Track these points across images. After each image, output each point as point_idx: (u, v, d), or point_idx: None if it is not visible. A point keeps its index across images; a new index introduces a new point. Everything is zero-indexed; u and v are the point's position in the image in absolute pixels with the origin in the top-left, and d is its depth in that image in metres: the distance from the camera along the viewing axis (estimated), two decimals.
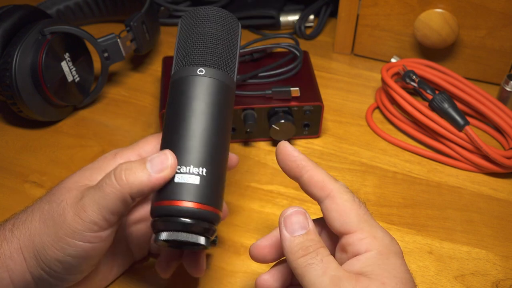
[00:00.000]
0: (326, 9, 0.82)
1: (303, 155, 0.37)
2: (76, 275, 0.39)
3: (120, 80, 0.70)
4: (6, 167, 0.57)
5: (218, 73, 0.40)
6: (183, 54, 0.41)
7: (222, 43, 0.41)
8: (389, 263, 0.34)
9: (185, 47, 0.41)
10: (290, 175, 0.38)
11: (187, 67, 0.40)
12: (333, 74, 0.72)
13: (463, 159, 0.57)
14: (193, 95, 0.39)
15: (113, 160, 0.40)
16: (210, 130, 0.38)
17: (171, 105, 0.40)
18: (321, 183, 0.36)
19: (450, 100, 0.58)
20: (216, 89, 0.40)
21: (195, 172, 0.37)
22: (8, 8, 0.58)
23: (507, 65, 0.66)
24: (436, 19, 0.64)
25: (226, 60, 0.41)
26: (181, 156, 0.37)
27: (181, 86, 0.39)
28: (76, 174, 0.40)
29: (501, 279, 0.46)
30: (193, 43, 0.41)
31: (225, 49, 0.41)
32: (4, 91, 0.56)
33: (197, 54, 0.40)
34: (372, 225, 0.35)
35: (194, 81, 0.39)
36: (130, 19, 0.64)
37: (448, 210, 0.53)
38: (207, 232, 0.37)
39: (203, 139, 0.38)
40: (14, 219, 0.39)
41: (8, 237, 0.38)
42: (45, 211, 0.38)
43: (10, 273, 0.37)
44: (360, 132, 0.62)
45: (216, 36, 0.41)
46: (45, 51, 0.57)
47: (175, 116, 0.39)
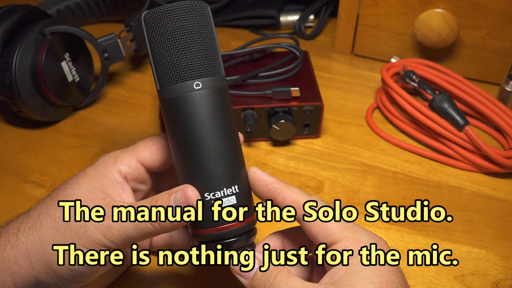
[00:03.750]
0: (326, 9, 0.82)
1: (273, 178, 0.38)
2: (82, 283, 0.39)
3: (120, 80, 0.70)
4: (6, 167, 0.57)
5: (213, 79, 0.37)
6: (169, 68, 0.36)
7: (206, 42, 0.37)
8: (369, 268, 0.34)
9: (166, 56, 0.36)
10: (263, 198, 0.39)
11: (180, 83, 0.36)
12: (333, 74, 0.72)
13: (463, 159, 0.57)
14: (200, 113, 0.36)
15: (113, 165, 0.40)
16: (229, 144, 0.37)
17: (175, 127, 0.37)
18: (295, 203, 0.37)
19: (450, 100, 0.58)
20: (217, 98, 0.37)
21: (230, 193, 0.37)
22: (8, 8, 0.58)
23: (507, 65, 0.66)
24: (436, 19, 0.64)
25: (215, 60, 0.37)
26: (211, 181, 0.37)
27: (182, 107, 0.36)
28: (86, 183, 0.39)
29: (501, 279, 0.46)
30: (175, 51, 0.36)
31: (211, 48, 0.37)
32: (4, 91, 0.56)
33: (187, 67, 0.36)
34: (355, 231, 0.36)
35: (195, 99, 0.36)
36: (130, 19, 0.65)
37: (448, 210, 0.53)
38: (252, 237, 0.39)
39: (226, 157, 0.37)
40: (19, 224, 0.38)
41: (12, 241, 0.37)
42: (58, 219, 0.37)
43: (14, 276, 0.37)
44: (360, 132, 0.62)
45: (199, 38, 0.37)
46: (45, 51, 0.57)
47: (187, 140, 0.37)
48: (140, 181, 0.42)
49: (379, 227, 0.51)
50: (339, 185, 0.55)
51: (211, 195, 0.37)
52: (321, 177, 0.56)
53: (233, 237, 0.37)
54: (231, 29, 0.80)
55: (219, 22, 0.80)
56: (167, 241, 0.45)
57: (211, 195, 0.37)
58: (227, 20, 0.80)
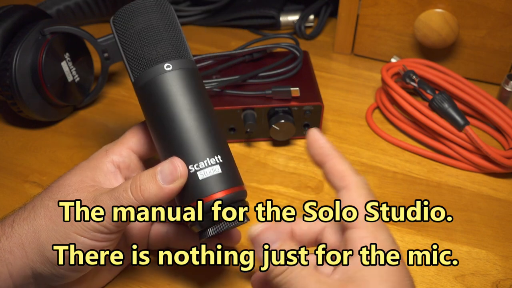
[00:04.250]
0: (326, 9, 0.82)
1: (330, 144, 0.38)
2: (78, 273, 0.39)
3: (120, 80, 0.70)
4: (6, 167, 0.57)
5: (183, 62, 0.40)
6: (139, 57, 0.40)
7: (171, 32, 0.40)
8: (382, 267, 0.33)
9: (137, 49, 0.40)
10: (314, 161, 0.38)
11: (151, 68, 0.39)
12: (333, 74, 0.72)
13: (463, 159, 0.57)
14: (173, 92, 0.39)
15: (105, 157, 0.42)
16: (204, 118, 0.39)
17: (152, 110, 0.39)
18: (341, 174, 0.37)
19: (450, 100, 0.58)
20: (188, 77, 0.40)
21: (213, 162, 0.38)
22: (8, 8, 0.58)
23: (507, 65, 0.66)
24: (436, 19, 0.64)
25: (182, 46, 0.40)
26: (193, 153, 0.38)
27: (156, 88, 0.39)
28: (77, 173, 0.41)
29: (501, 279, 0.46)
30: (144, 42, 0.39)
31: (176, 36, 0.41)
32: (4, 91, 0.56)
33: (155, 52, 0.39)
34: (377, 226, 0.36)
35: (167, 78, 0.39)
36: None
37: (448, 210, 0.53)
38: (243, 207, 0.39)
39: (204, 129, 0.39)
40: (14, 216, 0.39)
41: (8, 232, 0.38)
42: (51, 208, 0.38)
43: (9, 267, 0.38)
44: (360, 132, 0.62)
45: (163, 28, 0.40)
46: (45, 51, 0.57)
47: (164, 119, 0.39)
48: (132, 170, 0.43)
49: None
50: None
51: (194, 166, 0.38)
52: (321, 177, 0.56)
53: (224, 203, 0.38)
54: (231, 29, 0.80)
55: (219, 22, 0.80)
56: (164, 238, 0.45)
57: (194, 166, 0.38)
58: (227, 20, 0.80)
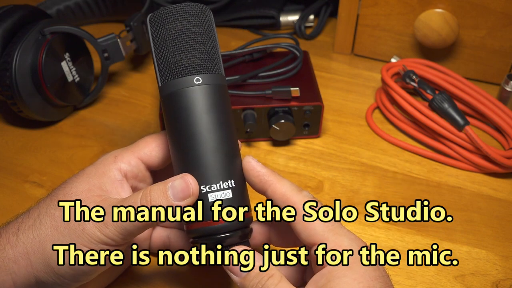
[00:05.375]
0: (326, 9, 0.82)
1: (266, 169, 0.38)
2: (82, 282, 0.39)
3: (120, 80, 0.70)
4: (6, 167, 0.57)
5: (213, 76, 0.38)
6: (170, 63, 0.38)
7: (207, 43, 0.39)
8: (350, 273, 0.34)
9: (169, 55, 0.38)
10: (256, 189, 0.39)
11: (180, 78, 0.38)
12: (333, 74, 0.72)
13: (463, 159, 0.57)
14: (199, 108, 0.37)
15: (114, 163, 0.40)
16: (226, 139, 0.38)
17: (174, 121, 0.38)
18: (283, 197, 0.37)
19: (450, 100, 0.58)
20: (217, 94, 0.38)
21: (226, 187, 0.37)
22: (8, 8, 0.58)
23: (507, 65, 0.66)
24: (436, 19, 0.64)
25: (215, 60, 0.39)
26: (207, 173, 0.37)
27: (182, 101, 0.37)
28: (84, 181, 0.39)
29: (501, 279, 0.46)
30: (178, 50, 0.38)
31: (212, 48, 0.39)
32: (4, 91, 0.56)
33: (186, 61, 0.38)
34: (338, 234, 0.35)
35: (195, 93, 0.37)
36: (130, 19, 0.65)
37: (448, 210, 0.53)
38: (248, 235, 0.39)
39: (224, 151, 0.38)
40: (18, 223, 0.38)
41: (12, 241, 0.37)
42: (57, 218, 0.37)
43: (13, 276, 0.37)
44: (360, 132, 0.62)
45: (199, 37, 0.38)
46: (45, 51, 0.57)
47: (185, 133, 0.37)
48: (140, 179, 0.42)
49: (379, 227, 0.51)
50: (339, 185, 0.55)
51: (207, 187, 0.37)
52: (321, 177, 0.56)
53: (226, 232, 0.37)
54: (231, 29, 0.80)
55: (219, 22, 0.80)
56: (165, 242, 0.45)
57: (207, 187, 0.37)
58: (227, 20, 0.80)
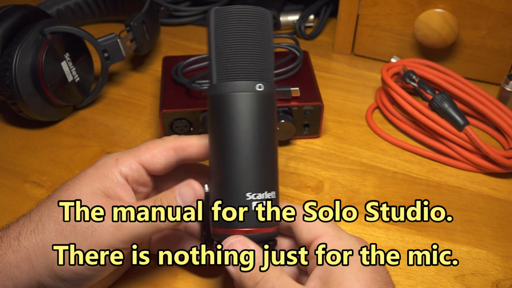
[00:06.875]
0: (326, 9, 0.82)
1: None
2: (84, 286, 0.39)
3: (120, 80, 0.70)
4: (6, 167, 0.57)
5: (271, 85, 0.38)
6: (233, 64, 0.37)
7: (270, 50, 0.38)
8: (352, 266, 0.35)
9: (233, 55, 0.37)
10: None
11: (243, 81, 0.37)
12: (333, 74, 0.72)
13: (463, 159, 0.57)
14: (257, 114, 0.37)
15: (115, 166, 0.40)
16: (274, 150, 0.39)
17: (227, 123, 0.37)
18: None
19: (450, 100, 0.58)
20: (273, 104, 0.38)
21: (269, 197, 0.38)
22: (8, 8, 0.58)
23: (507, 65, 0.66)
24: (436, 19, 0.64)
25: (272, 67, 0.39)
26: (255, 181, 0.37)
27: (240, 104, 0.37)
28: (87, 183, 0.39)
29: (501, 279, 0.46)
30: (245, 52, 0.37)
31: (272, 56, 0.39)
32: (4, 91, 0.56)
33: (253, 67, 0.37)
34: (337, 229, 0.38)
35: (256, 99, 0.37)
36: (130, 19, 0.64)
37: (448, 210, 0.53)
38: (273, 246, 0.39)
39: (272, 162, 0.38)
40: (20, 227, 0.38)
41: (14, 245, 0.37)
42: (61, 221, 0.37)
43: (15, 281, 0.37)
44: (360, 132, 0.62)
45: (267, 44, 0.38)
46: (45, 51, 0.57)
47: (238, 137, 0.37)
48: (140, 184, 0.41)
49: (379, 227, 0.51)
50: (339, 185, 0.55)
51: (252, 195, 0.37)
52: (321, 177, 0.56)
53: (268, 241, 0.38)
54: None
55: None
56: (166, 245, 0.45)
57: (252, 195, 0.37)
58: None
